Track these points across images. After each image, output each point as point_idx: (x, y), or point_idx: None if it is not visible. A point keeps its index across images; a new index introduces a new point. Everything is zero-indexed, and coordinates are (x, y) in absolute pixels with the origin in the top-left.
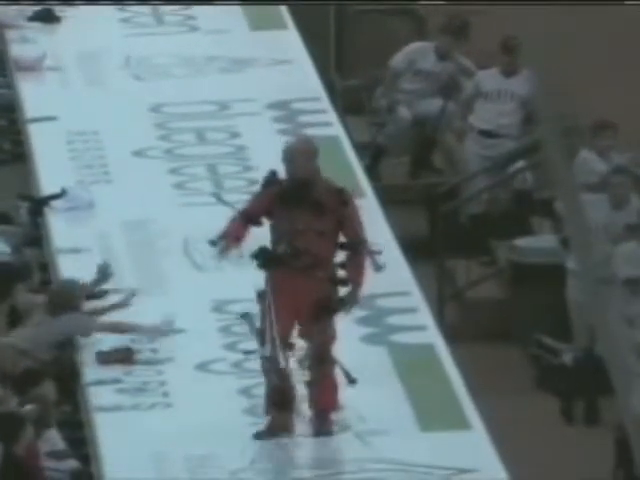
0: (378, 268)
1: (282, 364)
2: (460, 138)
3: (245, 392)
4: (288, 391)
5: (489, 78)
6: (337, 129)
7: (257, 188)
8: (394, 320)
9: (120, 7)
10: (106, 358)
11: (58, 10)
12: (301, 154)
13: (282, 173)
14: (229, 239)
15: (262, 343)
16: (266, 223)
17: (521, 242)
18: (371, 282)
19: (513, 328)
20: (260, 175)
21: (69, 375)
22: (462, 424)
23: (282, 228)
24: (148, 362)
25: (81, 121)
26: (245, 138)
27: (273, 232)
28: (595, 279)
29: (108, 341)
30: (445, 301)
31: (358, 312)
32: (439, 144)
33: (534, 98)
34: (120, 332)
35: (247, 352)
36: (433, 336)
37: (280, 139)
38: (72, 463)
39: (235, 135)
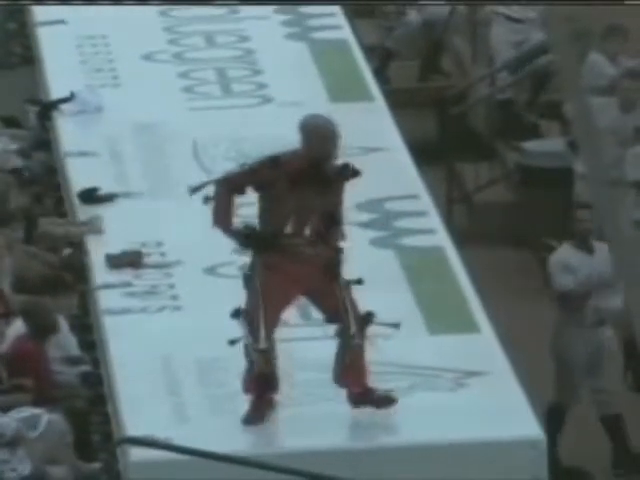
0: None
1: (265, 346)
2: (486, 25)
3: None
4: (272, 376)
5: None
6: (346, 32)
7: (252, 163)
8: (403, 223)
9: None
10: (115, 261)
11: None
12: (337, 134)
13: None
14: (225, 228)
15: (252, 332)
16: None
17: (529, 145)
18: (380, 185)
19: (521, 231)
20: (268, 79)
21: (78, 278)
22: (471, 327)
23: (287, 208)
24: (157, 265)
25: (90, 25)
26: (254, 42)
27: (274, 210)
28: (604, 181)
29: (118, 245)
30: (454, 204)
31: (367, 215)
32: (448, 47)
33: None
34: None
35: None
36: (442, 239)
37: (289, 43)
38: (83, 367)
39: (244, 39)
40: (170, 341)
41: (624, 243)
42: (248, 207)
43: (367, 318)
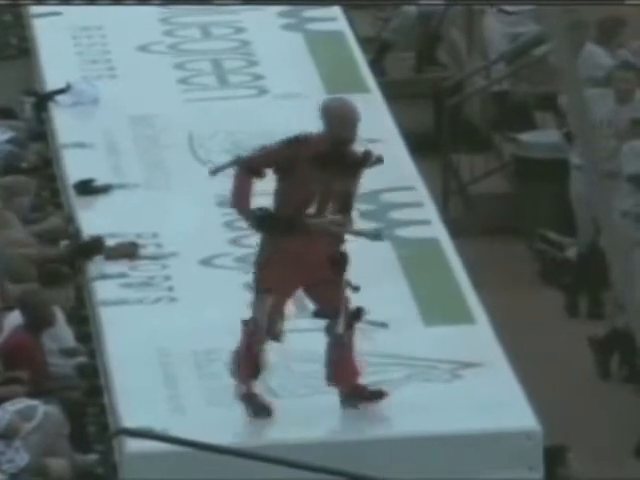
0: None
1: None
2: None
3: (250, 287)
4: (261, 365)
5: None
6: (342, 24)
7: (275, 144)
8: (398, 215)
9: None
10: (111, 253)
11: None
12: (358, 117)
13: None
14: (242, 209)
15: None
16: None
17: (525, 137)
18: (376, 177)
19: (517, 223)
20: (264, 70)
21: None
22: (466, 318)
23: (311, 190)
24: (153, 256)
25: (86, 16)
26: (250, 33)
27: (295, 192)
28: (599, 173)
29: (113, 236)
30: (449, 195)
31: (362, 206)
32: (444, 39)
33: None
34: None
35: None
36: (437, 230)
37: (285, 34)
38: (79, 358)
39: (240, 30)
40: (166, 332)
41: (619, 235)
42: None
43: (357, 314)
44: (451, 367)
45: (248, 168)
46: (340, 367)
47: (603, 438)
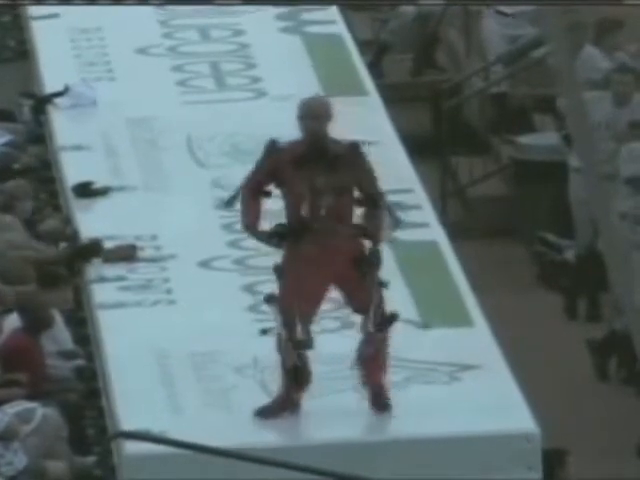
0: (398, 223)
1: (303, 337)
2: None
3: (248, 289)
4: (306, 369)
5: None
6: (340, 26)
7: (259, 157)
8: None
9: None
10: (109, 255)
11: None
12: (326, 111)
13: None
14: (253, 229)
15: (287, 324)
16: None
17: (524, 139)
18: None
19: (516, 225)
20: (262, 73)
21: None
22: (465, 321)
23: (298, 191)
24: (151, 259)
25: (84, 18)
26: (248, 35)
27: (289, 198)
28: (597, 176)
29: (112, 238)
30: (448, 198)
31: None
32: (442, 40)
33: None
34: None
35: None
36: (436, 233)
37: (283, 37)
38: (77, 361)
39: (238, 32)
40: (164, 335)
41: (618, 238)
42: None
43: (391, 319)
44: (450, 369)
45: (248, 189)
46: (366, 365)
47: (602, 440)
